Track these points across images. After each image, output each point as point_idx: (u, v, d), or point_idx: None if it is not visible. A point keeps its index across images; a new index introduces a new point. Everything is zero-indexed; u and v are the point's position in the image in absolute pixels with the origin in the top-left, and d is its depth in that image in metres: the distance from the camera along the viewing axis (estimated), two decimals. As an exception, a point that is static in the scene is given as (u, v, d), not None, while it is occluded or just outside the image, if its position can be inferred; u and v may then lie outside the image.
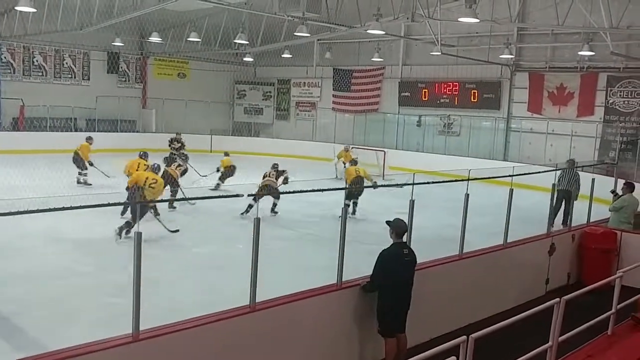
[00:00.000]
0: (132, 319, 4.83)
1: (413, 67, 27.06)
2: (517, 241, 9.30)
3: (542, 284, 9.84)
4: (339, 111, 29.79)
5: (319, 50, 29.71)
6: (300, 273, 8.94)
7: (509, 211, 8.85)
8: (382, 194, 13.21)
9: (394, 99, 27.63)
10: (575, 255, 10.69)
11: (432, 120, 26.32)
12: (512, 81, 24.07)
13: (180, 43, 27.18)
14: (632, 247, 10.41)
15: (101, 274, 9.14)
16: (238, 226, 12.23)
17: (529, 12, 22.11)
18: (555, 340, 5.27)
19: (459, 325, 7.43)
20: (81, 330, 6.44)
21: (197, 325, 5.21)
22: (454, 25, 20.74)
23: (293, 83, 31.95)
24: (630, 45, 20.37)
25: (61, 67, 27.14)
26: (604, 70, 21.37)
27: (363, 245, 6.82)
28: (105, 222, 10.82)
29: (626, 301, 6.73)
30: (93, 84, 27.78)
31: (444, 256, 8.13)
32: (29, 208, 4.29)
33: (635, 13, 17.84)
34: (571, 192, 12.64)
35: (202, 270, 9.73)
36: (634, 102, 20.73)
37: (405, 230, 6.56)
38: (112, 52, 27.74)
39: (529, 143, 23.45)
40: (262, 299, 5.70)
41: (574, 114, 22.25)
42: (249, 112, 32.62)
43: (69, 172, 16.39)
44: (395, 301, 6.45)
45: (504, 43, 22.21)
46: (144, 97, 29.96)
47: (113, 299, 7.65)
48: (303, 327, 6.13)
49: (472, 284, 8.25)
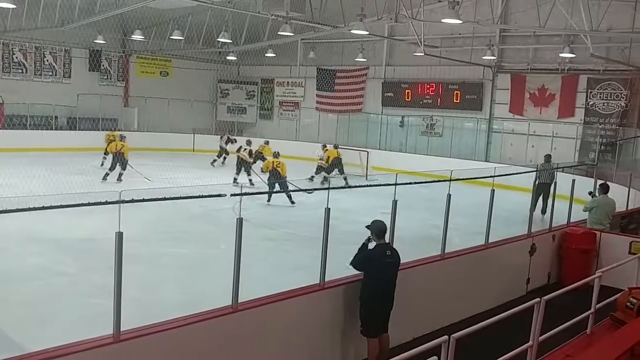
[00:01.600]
0: (113, 319, 4.79)
1: (396, 67, 27.15)
2: (498, 241, 9.37)
3: (522, 284, 9.92)
4: (322, 111, 29.79)
5: (302, 49, 29.69)
6: (283, 273, 8.94)
7: (490, 211, 8.91)
8: (365, 195, 13.24)
9: (377, 99, 27.71)
10: (555, 255, 10.80)
11: (414, 120, 26.43)
12: (494, 82, 24.25)
13: (163, 41, 27.03)
14: (611, 248, 10.55)
15: (81, 274, 9.06)
16: (220, 226, 12.18)
17: (511, 14, 22.30)
18: (535, 339, 5.31)
19: (441, 325, 7.47)
20: (60, 331, 6.36)
21: (179, 326, 5.18)
22: (437, 26, 20.83)
23: (277, 82, 31.89)
24: (610, 48, 20.62)
25: (42, 64, 26.81)
26: (584, 72, 21.61)
27: (346, 245, 6.81)
28: (84, 222, 10.71)
29: (605, 301, 6.81)
30: (74, 82, 27.49)
31: (426, 256, 8.17)
32: (6, 207, 4.23)
33: (614, 16, 18.07)
34: (549, 185, 12.90)
35: (184, 270, 9.68)
36: (614, 104, 20.99)
37: (385, 230, 6.57)
38: (94, 49, 27.47)
39: (510, 144, 23.65)
40: (245, 299, 5.69)
41: (554, 115, 22.47)
42: (232, 111, 32.50)
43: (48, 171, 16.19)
44: (378, 302, 6.47)
45: (486, 44, 22.37)
46: (126, 96, 29.72)
47: (93, 299, 7.58)
48: (286, 327, 6.12)
49: (454, 284, 8.30)
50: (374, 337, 6.51)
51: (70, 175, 16.98)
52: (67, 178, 16.56)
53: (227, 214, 7.98)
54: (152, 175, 17.92)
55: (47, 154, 17.67)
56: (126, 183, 16.99)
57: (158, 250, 10.71)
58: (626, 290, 7.01)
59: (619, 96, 20.82)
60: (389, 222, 6.86)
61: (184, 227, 12.53)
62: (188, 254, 10.82)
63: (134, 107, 29.19)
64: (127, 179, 17.43)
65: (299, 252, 10.56)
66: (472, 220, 9.73)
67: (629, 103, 20.62)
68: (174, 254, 10.71)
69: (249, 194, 5.58)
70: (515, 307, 5.27)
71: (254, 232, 10.97)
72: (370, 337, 6.51)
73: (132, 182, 16.40)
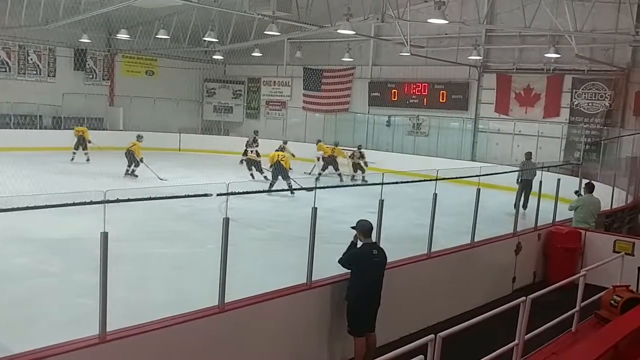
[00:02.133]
0: (99, 319, 4.76)
1: (383, 67, 27.21)
2: (484, 240, 9.43)
3: (508, 283, 9.99)
4: (309, 110, 29.78)
5: (289, 49, 29.65)
6: (270, 273, 8.92)
7: (476, 211, 8.96)
8: (352, 194, 13.26)
9: (363, 99, 27.75)
10: (540, 254, 10.88)
11: (401, 120, 26.50)
12: (480, 82, 24.38)
13: (148, 40, 26.87)
14: (596, 246, 10.65)
15: (67, 275, 8.99)
16: (207, 226, 12.14)
17: (496, 14, 22.44)
18: (521, 338, 5.35)
19: (428, 324, 7.51)
20: (46, 332, 6.31)
21: (165, 327, 5.16)
22: (423, 26, 20.90)
23: (263, 82, 31.83)
24: (594, 49, 20.81)
25: (26, 63, 26.53)
26: (569, 72, 21.79)
27: (333, 244, 6.81)
28: (70, 222, 10.61)
29: (590, 299, 6.88)
30: (59, 81, 27.25)
31: (412, 255, 8.19)
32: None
33: (598, 17, 18.24)
34: (531, 181, 13.94)
35: (171, 270, 9.63)
36: (598, 104, 21.18)
37: (371, 229, 6.58)
38: (79, 48, 27.24)
39: (496, 144, 23.79)
40: (232, 299, 5.67)
41: (540, 115, 22.64)
42: (218, 111, 32.39)
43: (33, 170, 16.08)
44: (365, 301, 6.48)
45: (472, 44, 22.48)
46: (112, 95, 29.51)
47: (79, 299, 7.53)
48: (273, 327, 6.12)
49: (440, 283, 8.34)
50: (361, 336, 6.52)
51: (56, 175, 16.90)
52: (52, 177, 16.47)
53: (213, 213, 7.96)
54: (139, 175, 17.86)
55: (32, 154, 17.53)
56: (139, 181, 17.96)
57: (145, 250, 10.64)
58: (610, 288, 7.09)
59: (603, 96, 21.02)
60: (375, 221, 6.88)
61: (171, 227, 12.47)
62: (175, 253, 10.76)
63: (119, 107, 28.98)
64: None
65: (286, 252, 10.55)
66: (458, 219, 9.77)
67: (613, 103, 20.84)
68: (160, 254, 10.65)
69: (236, 194, 5.55)
70: (501, 305, 5.31)
71: (241, 232, 10.95)
72: (357, 336, 6.52)
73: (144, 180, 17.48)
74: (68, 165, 20.17)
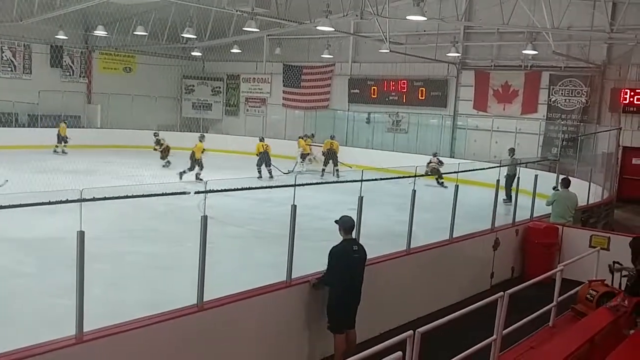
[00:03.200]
0: (76, 319, 4.70)
1: (362, 64, 27.25)
2: (462, 236, 9.49)
3: (487, 278, 10.07)
4: (289, 107, 29.74)
5: (268, 45, 29.58)
6: (249, 271, 8.90)
7: (454, 207, 9.02)
8: (332, 191, 13.25)
9: (343, 95, 27.78)
10: (518, 249, 10.99)
11: (381, 117, 26.58)
12: (459, 79, 24.53)
13: (126, 37, 26.61)
14: (573, 241, 10.77)
15: (43, 274, 8.88)
16: (185, 224, 12.06)
17: (475, 11, 22.58)
18: (499, 332, 5.39)
19: (408, 320, 7.54)
20: (21, 333, 6.22)
21: (143, 326, 5.11)
22: (402, 23, 20.90)
23: (242, 78, 31.71)
24: (570, 45, 21.05)
25: (0, 59, 26.14)
26: (546, 69, 22.02)
27: (312, 242, 6.82)
28: (46, 221, 10.49)
29: (566, 293, 6.96)
30: (35, 78, 26.90)
31: (392, 251, 8.22)
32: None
33: (574, 14, 18.45)
34: (515, 174, 13.96)
35: (148, 269, 9.56)
36: (575, 100, 21.43)
37: (353, 226, 6.60)
38: (55, 45, 26.90)
39: (474, 140, 23.96)
40: (210, 297, 5.64)
41: (518, 111, 22.84)
42: (197, 108, 32.19)
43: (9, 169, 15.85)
44: (345, 297, 6.48)
45: (450, 41, 22.61)
46: (89, 92, 29.21)
47: (56, 299, 7.43)
48: (252, 325, 6.10)
49: (419, 279, 8.39)
50: (341, 333, 6.52)
51: (32, 174, 16.61)
52: (28, 176, 16.21)
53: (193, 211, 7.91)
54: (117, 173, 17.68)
55: (7, 152, 17.25)
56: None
57: (123, 248, 10.55)
58: (586, 283, 7.18)
59: (580, 92, 21.28)
60: (355, 217, 6.88)
61: (150, 225, 12.37)
62: (153, 252, 10.68)
63: (97, 104, 28.70)
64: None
65: (266, 250, 10.52)
66: (437, 215, 9.83)
67: (589, 99, 21.11)
68: (139, 253, 10.56)
69: (213, 192, 5.52)
70: (479, 301, 5.34)
71: (220, 230, 10.90)
72: (337, 333, 6.52)
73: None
74: (44, 163, 19.87)
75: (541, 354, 5.67)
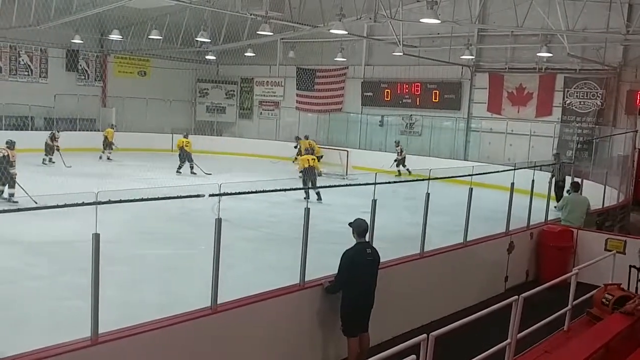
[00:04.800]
0: (91, 321, 4.74)
1: (376, 67, 27.22)
2: (477, 239, 9.45)
3: (501, 282, 10.01)
4: (302, 110, 29.77)
5: (282, 49, 29.62)
6: (263, 273, 8.92)
7: (468, 210, 8.98)
8: (345, 194, 13.25)
9: (356, 98, 27.75)
10: (533, 252, 10.92)
11: (394, 120, 26.53)
12: (473, 82, 24.42)
13: (141, 41, 26.78)
14: (588, 245, 10.69)
15: (57, 277, 8.94)
16: (199, 227, 12.10)
17: (489, 14, 22.49)
18: (514, 336, 5.36)
19: (421, 323, 7.52)
20: (37, 335, 6.27)
21: (158, 328, 5.14)
22: (415, 26, 20.93)
23: (256, 82, 31.79)
24: (585, 48, 20.89)
25: (17, 64, 26.42)
26: (561, 71, 21.87)
27: (326, 244, 6.82)
28: (61, 223, 10.53)
29: (582, 297, 6.90)
30: (51, 82, 27.14)
31: (405, 255, 8.20)
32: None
33: (589, 16, 18.28)
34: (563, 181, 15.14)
35: (163, 272, 9.60)
36: (590, 102, 21.27)
37: (366, 229, 6.59)
38: (71, 49, 27.13)
39: (488, 143, 23.84)
40: (224, 300, 5.66)
41: (532, 114, 22.70)
42: (211, 111, 32.33)
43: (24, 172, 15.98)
44: (358, 300, 6.47)
45: (464, 44, 22.54)
46: (104, 96, 29.42)
47: (71, 301, 7.49)
48: (266, 327, 6.11)
49: (433, 282, 8.35)
50: (354, 336, 6.51)
51: (47, 176, 16.83)
52: (44, 179, 16.42)
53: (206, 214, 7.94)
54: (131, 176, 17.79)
55: (23, 155, 17.39)
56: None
57: (137, 251, 10.62)
58: (602, 287, 7.11)
59: (595, 95, 21.11)
60: (368, 221, 6.87)
61: (164, 228, 12.43)
62: (167, 254, 10.73)
63: (112, 107, 28.87)
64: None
65: (279, 252, 10.54)
66: (451, 218, 9.78)
67: (605, 102, 20.93)
68: (153, 255, 10.62)
69: (228, 194, 5.54)
70: (493, 304, 5.32)
71: (234, 233, 10.92)
72: (350, 336, 6.52)
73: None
74: (59, 166, 20.08)
75: (556, 358, 5.63)
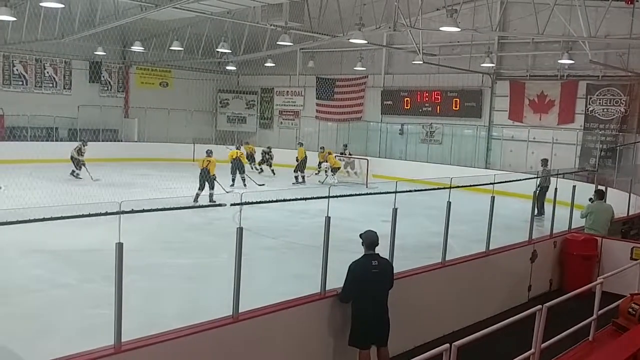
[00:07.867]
0: (114, 330, 4.78)
1: (395, 75, 27.22)
2: (499, 248, 9.36)
3: (524, 291, 9.90)
4: (322, 120, 29.85)
5: (302, 59, 29.78)
6: (284, 282, 8.93)
7: (490, 218, 8.90)
8: (366, 203, 13.22)
9: (376, 107, 27.76)
10: (556, 261, 10.77)
11: (414, 128, 26.47)
12: (493, 89, 24.29)
13: (162, 52, 27.13)
14: (613, 253, 10.52)
15: (82, 285, 9.04)
16: (220, 236, 12.17)
17: (509, 21, 22.36)
18: (537, 347, 5.30)
19: (443, 333, 7.45)
20: (62, 343, 6.35)
21: (180, 337, 5.16)
22: (435, 34, 20.92)
23: (276, 92, 31.97)
24: (608, 54, 20.68)
25: (42, 76, 26.90)
26: (583, 78, 21.66)
27: (347, 253, 6.78)
28: (85, 232, 10.69)
29: (607, 307, 6.79)
30: (75, 93, 27.60)
31: (426, 264, 8.16)
32: (8, 219, 4.23)
33: (612, 22, 18.13)
34: (547, 187, 14.29)
35: (184, 281, 9.66)
36: (613, 109, 21.02)
37: (376, 242, 6.41)
38: (94, 61, 27.56)
39: (510, 151, 23.67)
40: (246, 309, 5.67)
41: (554, 121, 22.50)
42: (232, 121, 32.57)
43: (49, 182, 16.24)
44: (365, 312, 6.30)
45: (485, 52, 22.45)
46: (126, 106, 29.81)
47: (95, 310, 7.56)
48: (287, 337, 6.10)
49: (455, 292, 8.28)
50: (364, 348, 6.35)
51: (71, 186, 17.04)
52: (68, 189, 16.62)
53: (227, 223, 7.98)
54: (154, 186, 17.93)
55: (48, 165, 17.66)
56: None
57: (159, 260, 10.70)
58: (628, 296, 6.98)
59: (618, 102, 20.86)
60: (389, 230, 6.84)
61: (185, 237, 12.52)
62: (189, 264, 10.80)
63: (134, 118, 29.27)
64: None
65: (300, 261, 10.55)
66: (473, 227, 9.73)
67: (628, 109, 20.66)
68: (175, 264, 10.69)
69: (249, 204, 5.57)
70: (517, 314, 5.26)
71: (255, 242, 10.97)
72: (359, 348, 6.35)
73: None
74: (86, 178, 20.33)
75: (581, 368, 5.55)
